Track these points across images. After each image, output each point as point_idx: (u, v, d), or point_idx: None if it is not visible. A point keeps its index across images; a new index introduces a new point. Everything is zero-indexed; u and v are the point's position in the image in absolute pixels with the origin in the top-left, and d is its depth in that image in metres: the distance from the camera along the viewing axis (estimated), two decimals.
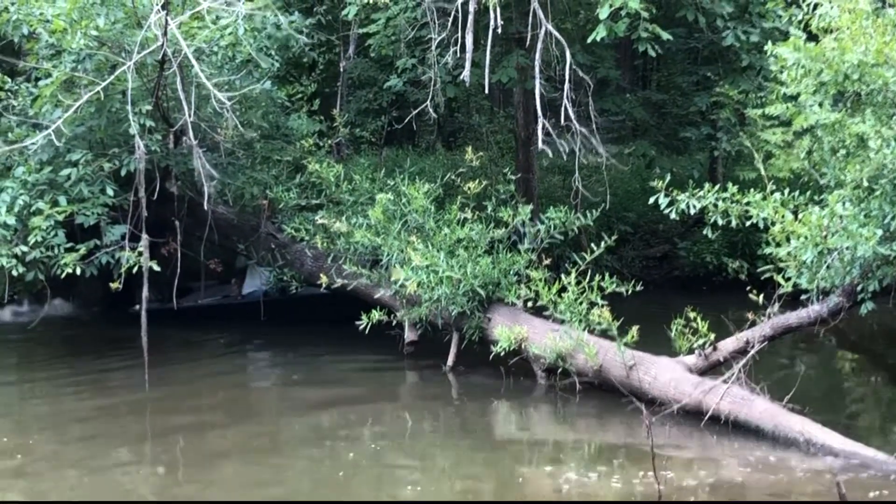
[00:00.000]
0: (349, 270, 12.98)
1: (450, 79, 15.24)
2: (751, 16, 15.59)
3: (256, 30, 13.49)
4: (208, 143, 13.53)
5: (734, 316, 10.88)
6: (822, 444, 8.94)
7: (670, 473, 8.39)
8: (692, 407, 9.95)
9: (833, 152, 10.62)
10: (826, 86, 10.09)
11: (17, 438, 9.95)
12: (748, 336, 10.44)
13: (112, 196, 12.53)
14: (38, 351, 14.27)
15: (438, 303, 12.15)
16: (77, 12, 12.10)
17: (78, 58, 12.36)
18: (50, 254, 12.12)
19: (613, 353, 10.80)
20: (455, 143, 24.16)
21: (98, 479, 8.76)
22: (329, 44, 19.71)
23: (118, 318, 15.41)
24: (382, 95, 20.02)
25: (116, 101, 12.47)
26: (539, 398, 11.37)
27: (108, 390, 11.98)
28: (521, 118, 17.71)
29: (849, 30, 9.91)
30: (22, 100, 13.38)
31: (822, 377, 12.39)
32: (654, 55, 13.92)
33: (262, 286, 15.82)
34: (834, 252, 9.62)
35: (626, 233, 19.01)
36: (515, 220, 12.50)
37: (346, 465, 9.10)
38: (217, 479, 8.83)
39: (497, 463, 9.19)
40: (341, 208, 13.88)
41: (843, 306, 10.32)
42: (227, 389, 12.22)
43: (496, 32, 12.95)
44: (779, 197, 9.85)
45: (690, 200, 10.14)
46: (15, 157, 12.83)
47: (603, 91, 18.89)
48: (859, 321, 11.85)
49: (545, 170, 20.74)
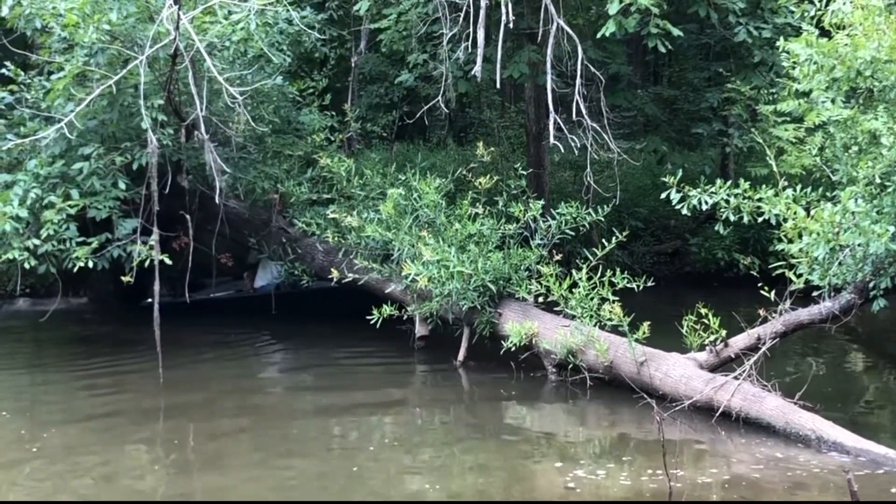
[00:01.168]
0: (360, 265, 13.01)
1: (461, 74, 15.24)
2: (763, 11, 15.57)
3: (268, 25, 13.51)
4: (220, 138, 13.58)
5: (745, 312, 10.85)
6: (834, 442, 8.93)
7: (681, 471, 8.39)
8: (703, 403, 9.94)
9: (845, 149, 10.60)
10: (838, 82, 10.06)
11: (31, 431, 9.98)
12: (759, 333, 10.44)
13: (124, 190, 12.56)
14: (51, 344, 14.34)
15: (449, 298, 12.16)
16: (89, 6, 12.12)
17: (90, 52, 12.38)
18: (62, 247, 12.16)
19: (624, 348, 10.80)
20: (466, 139, 24.16)
21: (111, 473, 8.79)
22: (340, 39, 19.70)
23: (130, 311, 15.46)
24: (394, 90, 20.02)
25: (129, 96, 12.49)
26: (549, 394, 11.37)
27: (121, 384, 11.99)
28: (533, 113, 17.72)
29: (861, 26, 9.87)
30: (34, 93, 13.42)
31: (833, 374, 12.37)
32: (665, 51, 13.90)
33: (274, 280, 15.85)
34: (846, 249, 9.58)
35: (638, 228, 19.02)
36: (526, 216, 12.50)
37: (356, 460, 9.10)
38: (226, 474, 8.84)
39: (507, 458, 9.19)
40: (352, 203, 13.91)
41: (855, 303, 10.29)
42: (237, 383, 12.23)
43: (508, 27, 12.95)
44: (791, 193, 9.82)
45: (702, 196, 10.12)
46: (27, 151, 12.88)
47: (614, 86, 18.84)
48: (871, 318, 11.83)
49: (556, 165, 20.74)
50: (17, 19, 12.62)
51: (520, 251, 12.30)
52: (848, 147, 10.52)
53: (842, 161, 10.59)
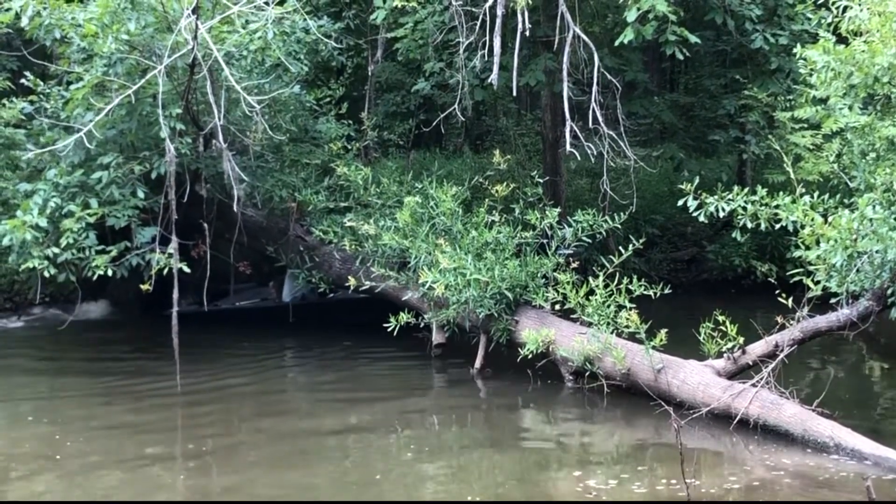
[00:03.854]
0: (377, 273, 13.04)
1: (477, 82, 15.26)
2: (780, 18, 15.54)
3: (286, 34, 13.59)
4: (238, 147, 13.64)
5: (763, 319, 10.82)
6: (852, 449, 8.90)
7: (699, 478, 8.36)
8: (721, 411, 9.93)
9: (863, 155, 10.59)
10: (856, 89, 10.06)
11: (50, 439, 10.03)
12: (777, 340, 10.42)
13: (142, 198, 12.64)
14: (72, 352, 14.36)
15: (466, 305, 12.18)
16: (108, 17, 12.22)
17: (109, 62, 12.47)
18: (81, 255, 12.23)
19: (641, 356, 10.79)
20: (482, 146, 24.20)
21: (131, 478, 8.84)
22: (357, 48, 19.79)
23: (154, 320, 15.42)
24: (410, 99, 20.08)
25: (147, 105, 12.57)
26: (566, 401, 11.37)
27: (140, 392, 12.03)
28: (549, 121, 17.74)
29: (879, 32, 9.87)
30: (54, 103, 13.55)
31: (851, 381, 12.31)
32: (682, 58, 13.90)
33: (301, 290, 15.80)
34: (864, 255, 9.57)
35: (654, 236, 18.98)
36: (543, 223, 12.50)
37: (373, 467, 9.12)
38: (243, 479, 8.87)
39: (524, 466, 9.19)
40: (369, 211, 13.94)
41: (873, 310, 10.27)
42: (256, 389, 12.25)
43: (524, 36, 12.97)
44: (808, 200, 9.81)
45: (719, 203, 10.12)
46: (47, 160, 12.98)
47: (630, 94, 18.86)
48: (889, 325, 11.75)
49: (573, 173, 20.73)
50: (37, 30, 12.73)
51: (536, 259, 12.31)
52: (865, 153, 10.51)
53: (859, 168, 10.58)
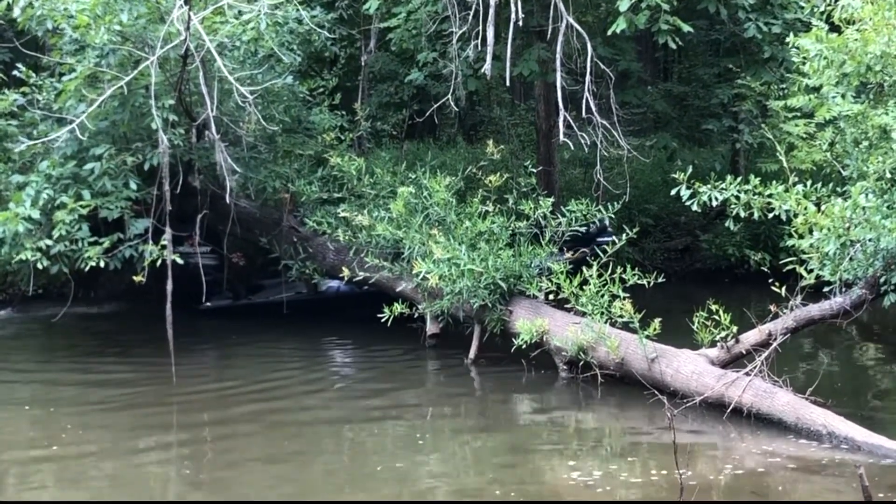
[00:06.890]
0: (371, 263, 13.04)
1: (471, 72, 15.26)
2: (772, 7, 15.54)
3: (278, 24, 13.55)
4: (231, 138, 13.61)
5: (756, 308, 10.86)
6: (845, 437, 8.92)
7: (693, 467, 8.39)
8: (714, 399, 9.95)
9: (856, 144, 10.59)
10: (849, 77, 10.07)
11: (50, 431, 10.04)
12: (770, 328, 10.43)
13: (135, 190, 12.60)
14: (84, 345, 14.30)
15: (460, 295, 12.18)
16: (100, 8, 12.17)
17: (101, 53, 12.43)
18: (74, 247, 12.21)
19: (635, 345, 10.81)
20: (476, 136, 24.17)
21: (126, 471, 8.85)
22: (350, 38, 19.75)
23: (188, 315, 15.16)
24: (403, 89, 20.03)
25: (139, 96, 12.53)
26: (561, 390, 11.38)
27: (136, 383, 12.04)
28: (543, 111, 17.71)
29: (871, 21, 9.88)
30: (46, 94, 13.49)
31: (844, 370, 12.35)
32: (675, 47, 13.90)
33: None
34: (857, 244, 9.59)
35: (648, 225, 19.00)
36: (536, 213, 12.50)
37: (368, 458, 9.14)
38: (237, 473, 8.88)
39: (518, 455, 9.20)
40: (363, 202, 13.93)
41: (866, 298, 10.28)
42: (251, 381, 12.24)
43: (517, 25, 12.96)
44: (801, 189, 9.82)
45: (712, 192, 10.12)
46: (40, 152, 12.94)
47: (624, 83, 18.83)
48: (882, 313, 11.83)
49: (566, 162, 20.73)
50: (29, 21, 12.67)
51: (530, 249, 12.32)
52: (858, 142, 10.51)
53: (852, 156, 10.58)
